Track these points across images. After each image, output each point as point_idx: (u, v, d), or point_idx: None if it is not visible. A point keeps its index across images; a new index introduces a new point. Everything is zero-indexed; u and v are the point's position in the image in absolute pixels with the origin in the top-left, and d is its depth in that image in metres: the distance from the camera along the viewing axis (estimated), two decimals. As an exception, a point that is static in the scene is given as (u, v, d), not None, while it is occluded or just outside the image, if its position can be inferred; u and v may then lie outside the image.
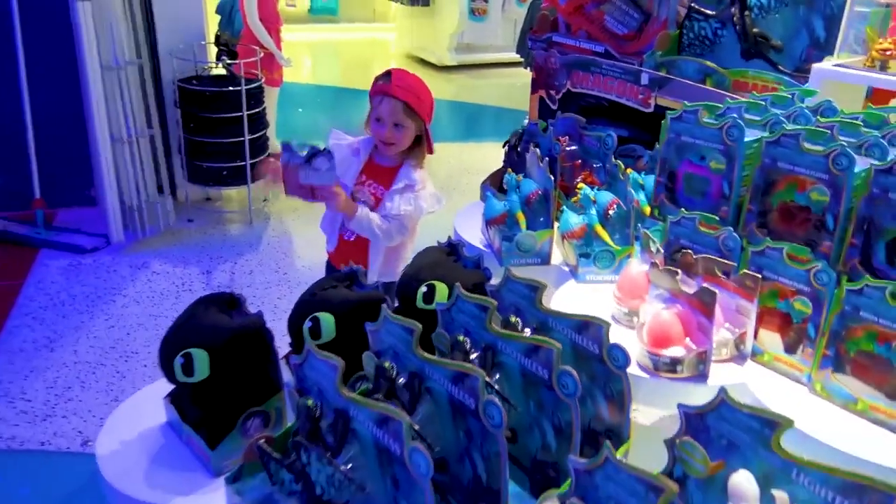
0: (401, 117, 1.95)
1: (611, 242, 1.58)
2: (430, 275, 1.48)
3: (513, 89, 7.28)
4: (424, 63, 8.46)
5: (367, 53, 9.53)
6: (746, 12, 2.00)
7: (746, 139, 1.29)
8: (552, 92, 2.32)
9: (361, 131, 2.10)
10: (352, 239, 2.10)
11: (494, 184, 2.00)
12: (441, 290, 1.39)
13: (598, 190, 1.66)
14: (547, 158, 1.63)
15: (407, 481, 0.79)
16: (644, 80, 2.05)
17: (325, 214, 2.15)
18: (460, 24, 8.11)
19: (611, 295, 1.42)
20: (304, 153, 1.83)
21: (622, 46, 2.18)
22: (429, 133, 2.04)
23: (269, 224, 4.24)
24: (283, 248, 3.95)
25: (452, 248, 1.60)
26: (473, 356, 1.01)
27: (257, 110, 4.05)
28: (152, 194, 3.89)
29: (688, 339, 1.20)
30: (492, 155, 5.44)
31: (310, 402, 0.90)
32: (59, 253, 3.71)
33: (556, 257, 1.69)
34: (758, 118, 1.40)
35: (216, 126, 3.89)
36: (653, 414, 1.26)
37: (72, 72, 3.74)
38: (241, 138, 3.94)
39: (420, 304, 1.31)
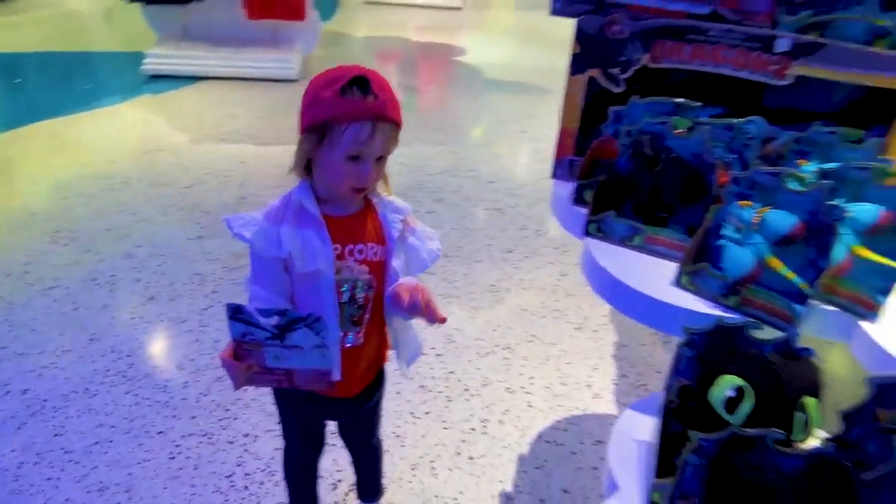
0: (390, 145, 1.19)
1: None
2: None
3: (67, 23, 5.14)
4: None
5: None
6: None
7: None
8: (614, 71, 1.69)
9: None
10: (358, 343, 1.31)
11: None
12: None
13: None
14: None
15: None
16: (782, 46, 1.52)
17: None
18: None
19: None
20: (272, 322, 1.02)
21: (743, 3, 1.59)
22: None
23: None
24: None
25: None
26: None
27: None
28: None
29: None
30: (116, 127, 3.57)
31: None
32: None
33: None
34: None
35: None
36: None
37: None
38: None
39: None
